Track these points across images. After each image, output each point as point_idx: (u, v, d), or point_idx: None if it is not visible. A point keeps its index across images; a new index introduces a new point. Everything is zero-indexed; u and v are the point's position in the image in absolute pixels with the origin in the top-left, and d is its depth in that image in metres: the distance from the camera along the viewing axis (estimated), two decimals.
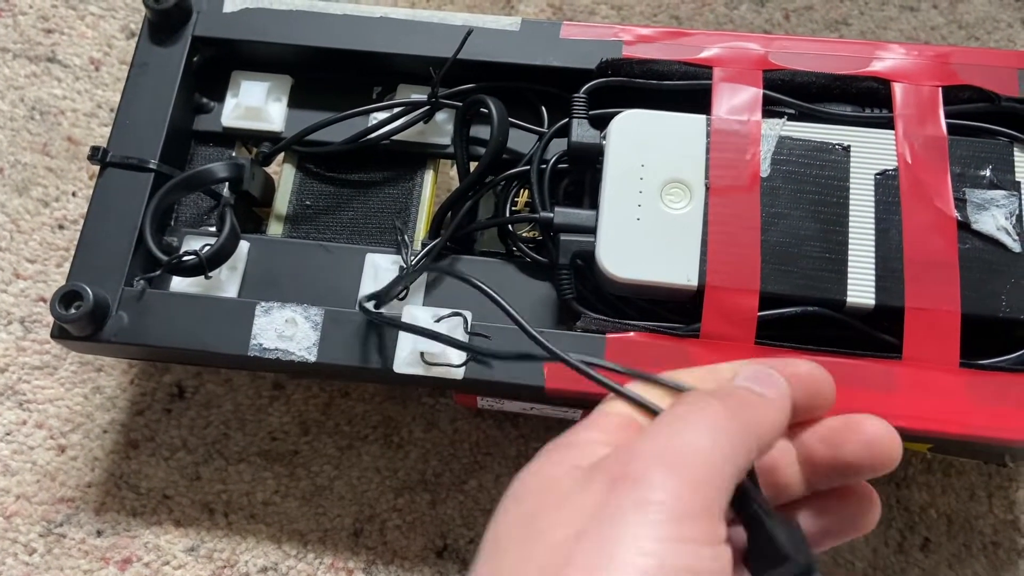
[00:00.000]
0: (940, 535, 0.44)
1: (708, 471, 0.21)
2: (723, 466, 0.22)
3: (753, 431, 0.23)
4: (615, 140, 0.39)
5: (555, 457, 0.24)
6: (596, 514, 0.20)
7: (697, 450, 0.21)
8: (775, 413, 0.25)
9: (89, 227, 0.40)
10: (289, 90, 0.45)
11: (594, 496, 0.21)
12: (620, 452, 0.22)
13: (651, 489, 0.20)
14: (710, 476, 0.21)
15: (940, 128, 0.39)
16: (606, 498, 0.21)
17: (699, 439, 0.22)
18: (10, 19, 0.55)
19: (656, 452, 0.21)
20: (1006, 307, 0.36)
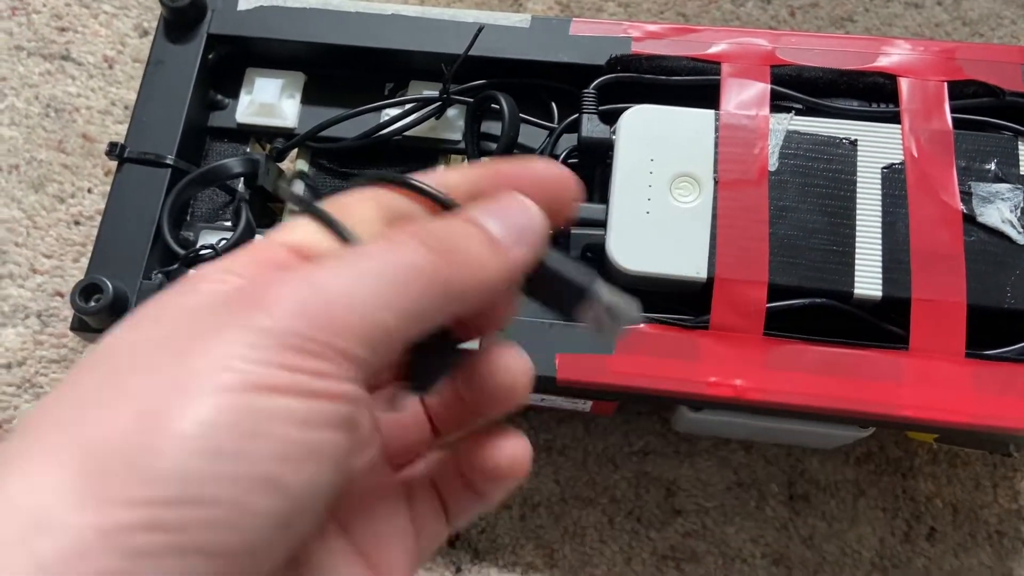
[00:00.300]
0: (946, 525, 0.45)
1: (350, 318, 0.18)
2: (376, 317, 0.18)
3: (455, 287, 0.19)
4: (625, 135, 0.40)
5: (165, 298, 0.19)
6: (198, 331, 0.17)
7: (346, 293, 0.18)
8: (494, 267, 0.20)
9: (108, 221, 0.41)
10: (302, 87, 0.46)
11: (206, 317, 0.18)
12: (259, 282, 0.19)
13: (265, 317, 0.17)
14: (350, 323, 0.18)
15: (946, 122, 0.40)
16: (216, 317, 0.18)
17: (358, 284, 0.18)
18: (24, 18, 0.55)
19: (295, 284, 0.18)
20: (1011, 298, 0.37)
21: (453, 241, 0.20)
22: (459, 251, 0.20)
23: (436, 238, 0.20)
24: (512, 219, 0.21)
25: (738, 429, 0.44)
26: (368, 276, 0.18)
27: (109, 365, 0.18)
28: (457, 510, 0.24)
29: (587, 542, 0.45)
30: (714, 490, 0.46)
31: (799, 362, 0.37)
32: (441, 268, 0.19)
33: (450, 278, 0.19)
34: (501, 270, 0.20)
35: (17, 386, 0.48)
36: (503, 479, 0.23)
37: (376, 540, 0.22)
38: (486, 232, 0.21)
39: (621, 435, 0.47)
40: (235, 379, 0.17)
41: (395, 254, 0.19)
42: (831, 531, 0.45)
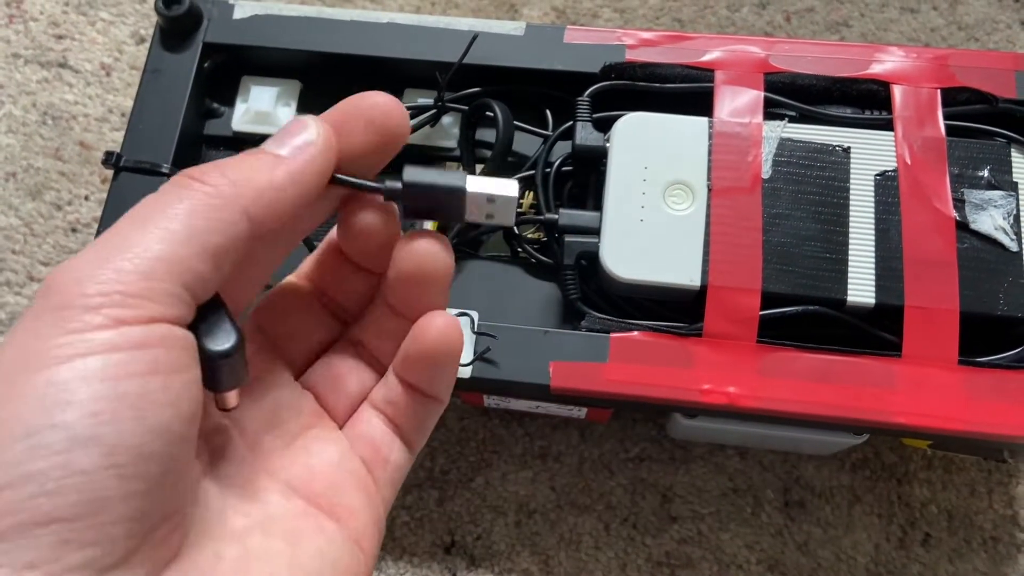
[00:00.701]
0: (941, 530, 0.45)
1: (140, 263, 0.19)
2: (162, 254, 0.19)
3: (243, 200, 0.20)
4: (618, 142, 0.40)
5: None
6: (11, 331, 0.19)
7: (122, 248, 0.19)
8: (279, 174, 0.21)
9: (104, 230, 0.41)
10: (298, 95, 0.46)
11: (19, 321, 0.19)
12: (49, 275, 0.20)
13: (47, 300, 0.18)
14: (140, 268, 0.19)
15: (939, 129, 0.40)
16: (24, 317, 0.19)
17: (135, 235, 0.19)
18: (21, 25, 0.56)
19: (81, 256, 0.19)
20: (1003, 305, 0.37)
21: (224, 167, 0.21)
22: (232, 172, 0.21)
23: (204, 171, 0.21)
24: (291, 136, 0.22)
25: (733, 436, 0.44)
26: (127, 229, 0.19)
27: None
28: (410, 427, 0.25)
29: (583, 549, 0.45)
30: (709, 496, 0.46)
31: (792, 369, 0.37)
32: (210, 190, 0.20)
33: (229, 192, 0.20)
34: (287, 174, 0.21)
35: None
36: (439, 355, 0.24)
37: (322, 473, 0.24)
38: (264, 152, 0.22)
39: (616, 442, 0.47)
40: (37, 362, 0.18)
41: (161, 202, 0.20)
42: (826, 537, 0.45)
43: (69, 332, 0.18)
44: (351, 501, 0.24)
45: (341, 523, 0.23)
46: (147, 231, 0.19)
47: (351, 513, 0.24)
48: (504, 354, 0.38)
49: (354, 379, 0.26)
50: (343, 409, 0.26)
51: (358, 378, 0.26)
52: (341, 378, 0.26)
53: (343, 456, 0.25)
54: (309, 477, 0.24)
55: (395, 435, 0.25)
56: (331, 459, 0.24)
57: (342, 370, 0.26)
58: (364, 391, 0.26)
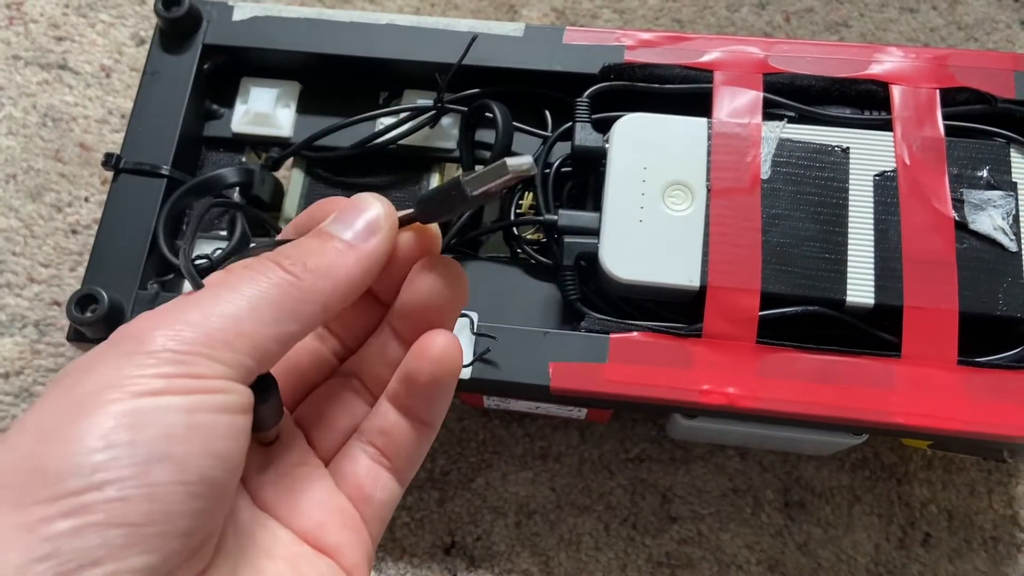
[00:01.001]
0: (941, 530, 0.45)
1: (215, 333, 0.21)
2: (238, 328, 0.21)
3: (316, 291, 0.23)
4: (618, 143, 0.40)
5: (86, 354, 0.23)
6: (83, 368, 0.21)
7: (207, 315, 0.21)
8: (350, 264, 0.24)
9: (103, 232, 0.41)
10: (297, 96, 0.46)
11: (88, 360, 0.21)
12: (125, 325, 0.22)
13: (138, 345, 0.20)
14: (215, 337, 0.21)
15: (938, 130, 0.40)
16: (96, 356, 0.21)
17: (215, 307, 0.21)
18: (21, 27, 0.56)
19: (157, 318, 0.21)
20: (1003, 305, 0.37)
21: (305, 255, 0.23)
22: (312, 261, 0.23)
23: (288, 257, 0.23)
24: (356, 217, 0.24)
25: (733, 436, 0.44)
26: (222, 301, 0.22)
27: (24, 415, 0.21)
28: (401, 458, 0.26)
29: (583, 549, 0.45)
30: (709, 497, 0.46)
31: (792, 370, 0.37)
32: (294, 280, 0.23)
33: (311, 285, 0.23)
34: (358, 264, 0.24)
35: (15, 395, 0.48)
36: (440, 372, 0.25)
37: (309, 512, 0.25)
38: (335, 239, 0.24)
39: (616, 442, 0.47)
40: (118, 393, 0.20)
41: (248, 281, 0.22)
42: (826, 537, 0.45)
43: (156, 375, 0.20)
44: (340, 539, 0.25)
45: (332, 559, 0.24)
46: (239, 307, 0.22)
47: (340, 551, 0.25)
48: (504, 355, 0.38)
49: (345, 415, 0.26)
50: (331, 445, 0.26)
51: (349, 413, 0.26)
52: (331, 415, 0.26)
53: (330, 495, 0.25)
54: (298, 516, 0.25)
55: (383, 469, 0.26)
56: (319, 498, 0.25)
57: (333, 406, 0.26)
58: (354, 426, 0.26)
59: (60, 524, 0.18)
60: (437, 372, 0.25)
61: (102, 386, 0.20)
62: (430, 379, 0.25)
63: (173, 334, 0.21)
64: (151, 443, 0.19)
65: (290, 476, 0.25)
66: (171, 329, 0.21)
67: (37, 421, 0.20)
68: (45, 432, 0.19)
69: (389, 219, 0.25)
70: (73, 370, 0.21)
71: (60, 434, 0.19)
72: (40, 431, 0.20)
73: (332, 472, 0.26)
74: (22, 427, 0.20)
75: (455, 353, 0.25)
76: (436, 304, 0.25)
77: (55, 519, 0.18)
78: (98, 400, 0.20)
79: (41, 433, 0.20)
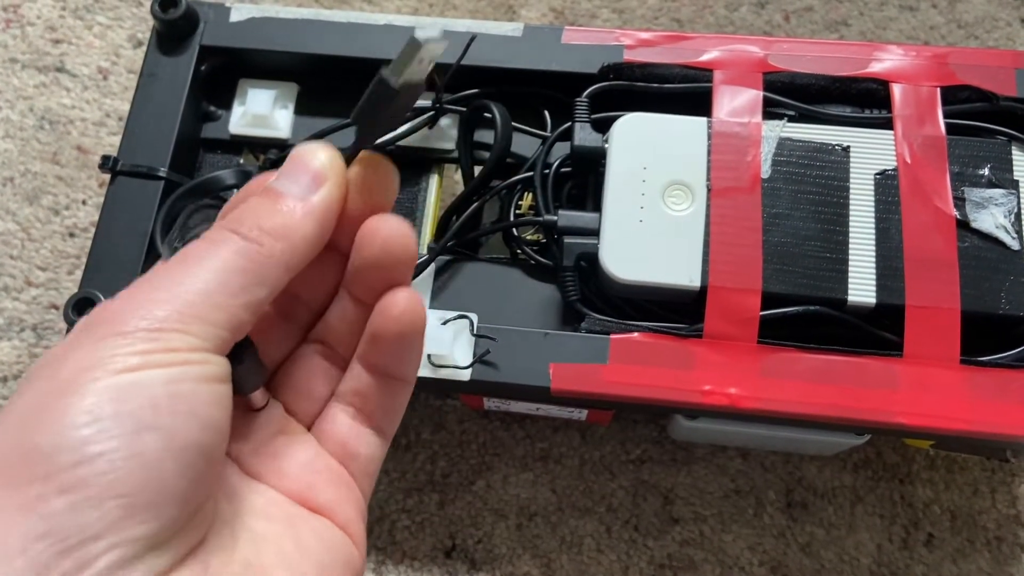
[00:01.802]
0: (944, 531, 0.45)
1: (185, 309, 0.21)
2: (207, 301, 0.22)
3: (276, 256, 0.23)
4: (617, 143, 0.40)
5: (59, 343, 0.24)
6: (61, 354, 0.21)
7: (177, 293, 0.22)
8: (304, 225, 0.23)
9: (101, 235, 0.41)
10: (295, 97, 0.46)
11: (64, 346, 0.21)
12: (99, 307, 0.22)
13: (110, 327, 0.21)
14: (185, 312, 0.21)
15: (939, 128, 0.40)
16: (72, 342, 0.21)
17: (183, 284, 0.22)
18: (18, 30, 0.56)
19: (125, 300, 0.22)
20: (1005, 304, 0.37)
21: (258, 218, 0.23)
22: (267, 223, 0.23)
23: (242, 222, 0.23)
24: (300, 170, 0.24)
25: (735, 437, 0.44)
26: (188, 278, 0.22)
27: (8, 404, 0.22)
28: (380, 414, 0.26)
29: (584, 551, 0.45)
30: (711, 498, 0.46)
31: (793, 370, 0.37)
32: (255, 247, 0.23)
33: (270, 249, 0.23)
34: (311, 218, 0.24)
35: None
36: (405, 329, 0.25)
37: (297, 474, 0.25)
38: (285, 197, 0.24)
39: (618, 443, 0.47)
40: (99, 372, 0.20)
41: (210, 253, 0.22)
42: (829, 538, 0.45)
43: (133, 352, 0.20)
44: (330, 496, 0.25)
45: (326, 517, 0.25)
46: (206, 280, 0.22)
47: (332, 508, 0.25)
48: (504, 356, 0.38)
49: (319, 381, 0.26)
50: (310, 411, 0.26)
51: (323, 379, 0.26)
52: (306, 383, 0.26)
53: (315, 456, 0.25)
54: (287, 479, 0.25)
55: (364, 426, 0.26)
56: (304, 460, 0.25)
57: (306, 374, 0.26)
58: (330, 390, 0.26)
59: (56, 501, 0.18)
60: (403, 329, 0.25)
61: (81, 368, 0.20)
62: (396, 337, 0.25)
63: (144, 312, 0.21)
64: (136, 413, 0.20)
65: (273, 443, 0.25)
66: (142, 308, 0.21)
67: (21, 406, 0.20)
68: (31, 413, 0.20)
69: (334, 165, 0.24)
70: (51, 358, 0.21)
71: (46, 415, 0.19)
72: (26, 413, 0.20)
73: (315, 435, 0.26)
74: (7, 413, 0.20)
75: (418, 307, 0.25)
76: (389, 263, 0.25)
77: (51, 496, 0.18)
78: (79, 380, 0.20)
79: (27, 415, 0.20)
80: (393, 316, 0.25)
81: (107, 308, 0.22)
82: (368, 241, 0.25)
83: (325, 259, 0.26)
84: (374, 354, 0.26)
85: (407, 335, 0.25)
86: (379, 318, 0.25)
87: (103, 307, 0.22)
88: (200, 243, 0.23)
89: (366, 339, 0.26)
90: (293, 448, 0.25)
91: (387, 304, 0.25)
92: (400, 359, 0.26)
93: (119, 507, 0.19)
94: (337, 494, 0.25)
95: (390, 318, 0.25)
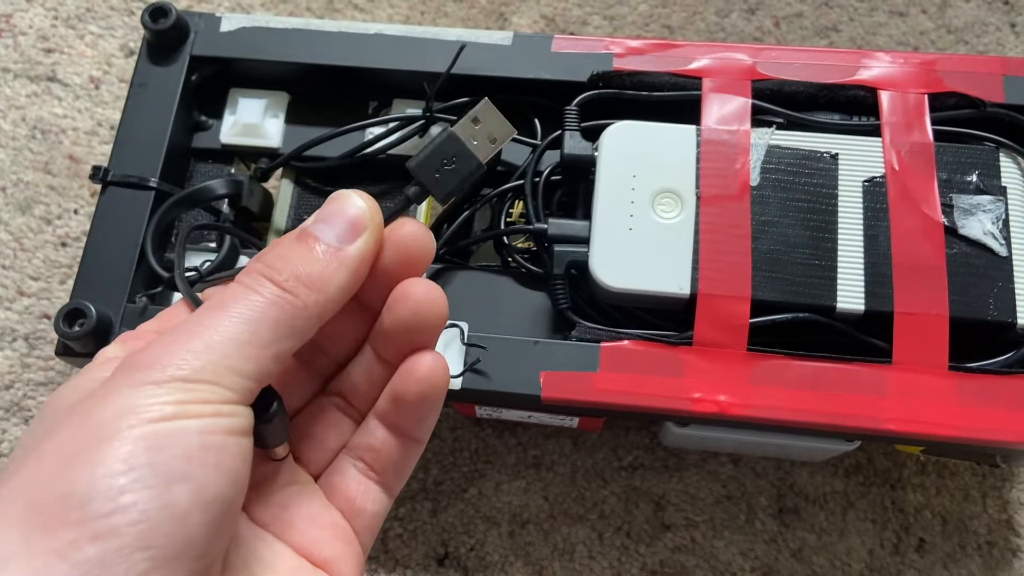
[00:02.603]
0: (935, 536, 0.45)
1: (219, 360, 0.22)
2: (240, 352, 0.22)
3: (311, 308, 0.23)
4: (607, 151, 0.40)
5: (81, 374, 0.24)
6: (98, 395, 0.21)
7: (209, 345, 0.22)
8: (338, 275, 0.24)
9: (91, 245, 0.41)
10: (286, 106, 0.46)
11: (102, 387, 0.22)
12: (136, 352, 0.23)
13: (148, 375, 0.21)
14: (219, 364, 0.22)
15: (927, 135, 0.40)
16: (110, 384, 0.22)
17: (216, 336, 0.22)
18: (10, 39, 0.56)
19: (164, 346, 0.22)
20: (993, 310, 0.37)
21: (293, 264, 0.23)
22: (302, 270, 0.23)
23: (277, 269, 0.23)
24: (340, 216, 0.24)
25: (726, 443, 0.44)
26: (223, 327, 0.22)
27: (30, 439, 0.22)
28: (389, 472, 0.26)
29: (576, 558, 0.45)
30: (703, 504, 0.46)
31: (783, 377, 0.37)
32: (291, 298, 0.23)
33: (305, 300, 0.23)
34: (345, 268, 0.24)
35: (5, 410, 0.48)
36: (427, 394, 0.25)
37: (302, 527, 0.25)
38: (320, 243, 0.24)
39: (609, 450, 0.47)
40: (134, 419, 0.20)
41: (244, 302, 0.23)
42: (820, 544, 0.45)
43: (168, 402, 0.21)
44: (332, 552, 0.25)
45: (327, 572, 0.25)
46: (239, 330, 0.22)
47: (333, 565, 0.25)
48: (494, 365, 0.38)
49: (333, 434, 0.27)
50: (320, 461, 0.27)
51: (337, 431, 0.27)
52: (320, 434, 0.27)
53: (322, 510, 0.26)
54: (293, 532, 0.25)
55: (372, 482, 0.26)
56: (311, 514, 0.25)
57: (321, 426, 0.27)
58: (342, 444, 0.27)
59: (88, 549, 0.19)
60: (425, 392, 0.25)
61: (117, 414, 0.20)
62: (418, 399, 0.25)
63: (180, 362, 0.21)
64: (170, 463, 0.20)
65: (283, 493, 0.25)
66: (177, 356, 0.21)
67: (58, 448, 0.20)
68: (68, 458, 0.20)
69: (373, 216, 0.24)
70: (89, 398, 0.21)
71: (82, 459, 0.20)
72: (63, 457, 0.20)
73: (322, 487, 0.26)
74: (43, 454, 0.21)
75: (442, 372, 0.25)
76: (418, 327, 0.25)
77: (83, 543, 0.19)
78: (116, 426, 0.20)
79: (64, 459, 0.20)
80: (416, 379, 0.25)
81: (145, 354, 0.22)
82: (400, 304, 0.25)
83: (352, 312, 0.26)
84: (393, 413, 0.26)
85: (429, 398, 0.25)
86: (402, 380, 0.25)
87: (141, 352, 0.22)
88: (236, 288, 0.23)
89: (386, 397, 0.26)
90: (301, 500, 0.25)
91: (412, 366, 0.25)
92: (418, 421, 0.26)
93: (146, 560, 0.19)
94: (339, 550, 0.25)
95: (413, 380, 0.25)
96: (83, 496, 0.19)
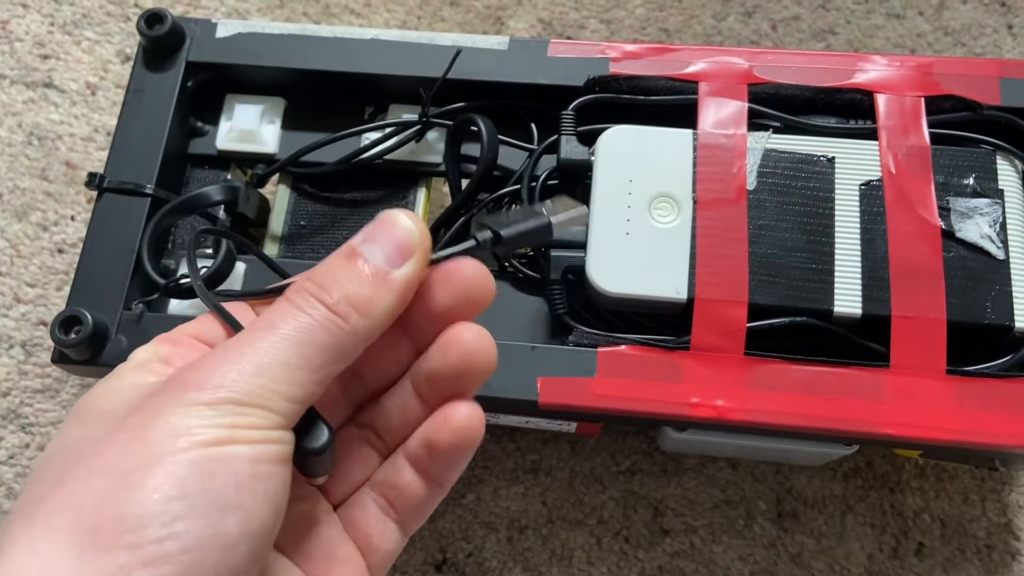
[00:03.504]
0: (934, 540, 0.45)
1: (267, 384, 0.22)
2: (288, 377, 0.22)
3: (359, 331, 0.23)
4: (603, 156, 0.40)
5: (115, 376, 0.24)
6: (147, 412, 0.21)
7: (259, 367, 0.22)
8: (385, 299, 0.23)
9: (87, 252, 0.41)
10: (282, 112, 0.46)
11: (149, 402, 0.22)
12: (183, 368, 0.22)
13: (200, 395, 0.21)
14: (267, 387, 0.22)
15: (923, 138, 0.40)
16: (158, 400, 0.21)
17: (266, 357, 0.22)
18: (6, 46, 0.56)
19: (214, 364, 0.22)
20: (991, 313, 0.37)
21: (341, 285, 0.23)
22: (351, 292, 0.23)
23: (327, 290, 0.23)
24: (389, 237, 0.24)
25: (724, 447, 0.44)
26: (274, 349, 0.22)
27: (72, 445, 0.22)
28: (409, 511, 0.26)
29: (575, 564, 0.45)
30: (702, 508, 0.46)
31: (780, 381, 0.37)
32: (341, 323, 0.23)
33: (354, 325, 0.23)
34: (391, 297, 0.23)
35: (3, 417, 0.48)
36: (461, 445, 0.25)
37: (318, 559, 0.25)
38: (369, 264, 0.23)
39: (608, 455, 0.47)
40: (188, 441, 0.20)
41: (295, 323, 0.22)
42: (819, 548, 0.45)
43: (220, 425, 0.21)
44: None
45: None
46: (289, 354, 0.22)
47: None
48: None
49: (359, 467, 0.26)
50: (342, 493, 0.26)
51: (362, 465, 0.26)
52: (347, 466, 0.26)
53: (339, 542, 0.25)
54: (308, 562, 0.25)
55: (391, 521, 0.26)
56: (328, 546, 0.25)
57: (348, 458, 0.26)
58: (366, 477, 0.26)
59: (138, 573, 0.19)
60: (459, 443, 0.25)
61: (169, 434, 0.20)
62: (451, 449, 0.25)
63: (231, 384, 0.21)
64: (222, 491, 0.20)
65: (303, 521, 0.25)
66: (228, 376, 0.21)
67: (109, 464, 0.20)
68: (121, 477, 0.20)
69: (423, 239, 0.24)
70: (138, 413, 0.21)
71: (136, 480, 0.20)
72: (116, 475, 0.20)
73: (341, 518, 0.26)
74: (91, 469, 0.20)
75: (478, 424, 0.25)
76: (464, 374, 0.25)
77: (135, 568, 0.19)
78: (170, 448, 0.20)
79: (117, 478, 0.20)
80: (451, 429, 0.25)
81: (196, 371, 0.22)
82: (451, 347, 0.25)
83: (396, 341, 0.26)
84: (424, 458, 0.26)
85: (461, 449, 0.25)
86: (437, 426, 0.25)
87: (191, 369, 0.22)
88: (285, 306, 0.23)
89: (418, 440, 0.26)
90: (320, 530, 0.25)
91: (448, 415, 0.25)
92: (447, 468, 0.26)
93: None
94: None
95: (448, 430, 0.25)
96: (137, 520, 0.19)
